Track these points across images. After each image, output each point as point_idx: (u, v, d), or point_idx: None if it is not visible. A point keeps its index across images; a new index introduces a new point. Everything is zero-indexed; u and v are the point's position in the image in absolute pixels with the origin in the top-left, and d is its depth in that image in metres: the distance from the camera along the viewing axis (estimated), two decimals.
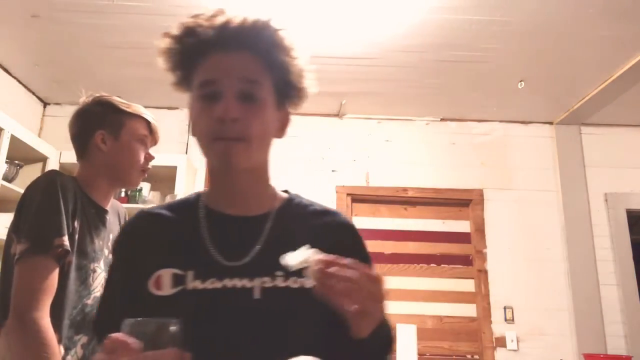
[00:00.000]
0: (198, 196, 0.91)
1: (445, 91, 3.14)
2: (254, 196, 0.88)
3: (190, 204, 0.89)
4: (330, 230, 0.88)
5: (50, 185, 1.21)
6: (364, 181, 3.40)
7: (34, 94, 3.33)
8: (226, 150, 0.80)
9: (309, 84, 0.91)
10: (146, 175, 1.38)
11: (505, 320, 3.14)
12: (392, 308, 1.02)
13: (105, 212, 1.35)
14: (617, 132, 3.44)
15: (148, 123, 1.37)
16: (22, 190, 1.26)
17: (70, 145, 1.40)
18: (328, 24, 2.47)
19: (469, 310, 3.23)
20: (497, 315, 3.15)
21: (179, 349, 0.61)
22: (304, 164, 3.40)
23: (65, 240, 1.16)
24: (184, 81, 0.91)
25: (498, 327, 3.13)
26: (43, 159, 2.96)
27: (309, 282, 0.75)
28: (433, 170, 3.42)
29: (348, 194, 3.36)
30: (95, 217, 1.31)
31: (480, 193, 3.37)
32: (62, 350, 1.16)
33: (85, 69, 2.98)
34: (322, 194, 3.32)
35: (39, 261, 1.13)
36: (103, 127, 1.32)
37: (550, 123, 3.50)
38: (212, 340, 0.75)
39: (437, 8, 2.31)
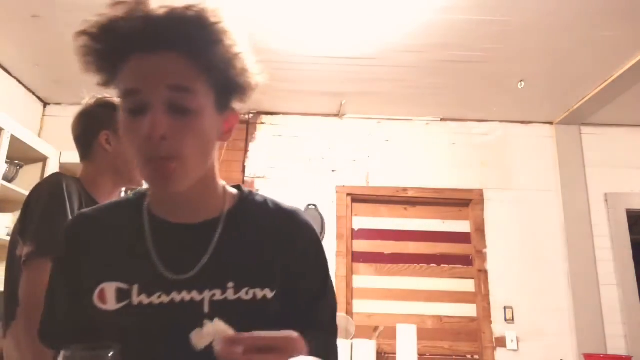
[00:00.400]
0: (142, 197, 0.83)
1: (445, 91, 3.14)
2: (200, 203, 0.80)
3: (133, 207, 0.82)
4: (284, 233, 0.82)
5: (56, 188, 1.21)
6: (364, 181, 3.40)
7: (34, 94, 3.33)
8: (159, 172, 0.70)
9: (255, 75, 0.78)
10: None
11: (505, 320, 3.14)
12: (392, 308, 1.03)
13: None
14: (617, 132, 3.44)
15: None
16: (22, 190, 1.27)
17: (70, 145, 1.40)
18: (328, 24, 2.47)
19: (469, 310, 3.23)
20: (497, 315, 3.15)
21: None
22: (304, 164, 3.40)
23: None
24: (110, 84, 0.76)
25: (498, 327, 3.13)
26: (43, 159, 2.96)
27: (260, 293, 0.75)
28: (433, 170, 3.42)
29: (348, 194, 3.36)
30: None
31: (480, 193, 3.37)
32: None
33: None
34: (322, 194, 3.33)
35: (46, 263, 1.13)
36: (107, 127, 1.33)
37: (550, 123, 3.50)
38: (158, 358, 0.72)
39: (437, 8, 2.31)
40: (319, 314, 0.83)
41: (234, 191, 0.86)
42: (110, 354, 0.57)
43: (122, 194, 1.39)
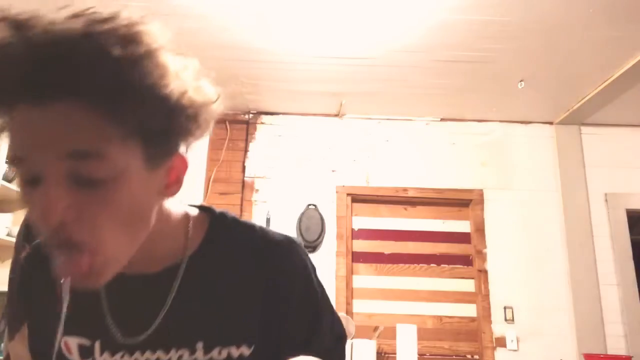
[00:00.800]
0: None
1: (445, 91, 3.14)
2: (155, 249, 0.64)
3: None
4: (263, 277, 0.67)
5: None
6: (364, 181, 3.40)
7: None
8: (70, 267, 0.52)
9: (206, 105, 0.58)
10: None
11: (505, 320, 3.14)
12: (392, 308, 1.03)
13: None
14: (617, 132, 3.44)
15: None
16: None
17: None
18: (328, 24, 2.46)
19: (469, 310, 3.23)
20: (497, 315, 3.15)
21: None
22: (304, 164, 3.41)
23: None
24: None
25: (498, 327, 3.13)
26: None
27: (236, 351, 0.65)
28: (433, 170, 3.42)
29: (348, 194, 3.36)
30: None
31: (480, 193, 3.37)
32: None
33: None
34: (322, 194, 3.33)
35: None
36: None
37: (550, 123, 3.50)
38: None
39: (437, 8, 2.30)
40: (315, 348, 0.70)
41: (204, 222, 0.70)
42: None
43: None
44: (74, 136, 0.49)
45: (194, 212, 0.70)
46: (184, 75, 0.55)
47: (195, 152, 3.62)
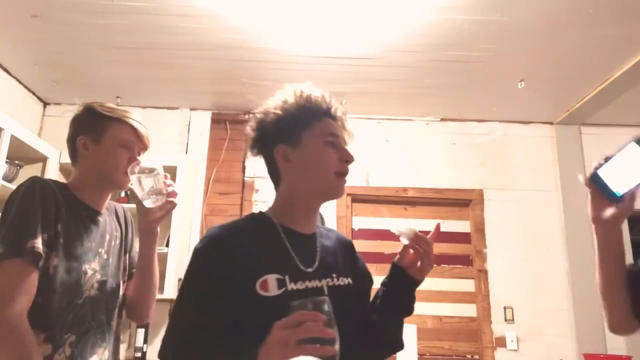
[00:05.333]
0: (264, 215, 1.13)
1: (445, 91, 3.14)
2: (314, 218, 1.18)
3: (263, 222, 1.10)
4: (342, 246, 1.22)
5: (27, 190, 1.24)
6: (364, 181, 3.40)
7: (34, 94, 3.33)
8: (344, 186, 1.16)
9: None
10: None
11: (505, 320, 3.14)
12: None
13: (98, 213, 1.37)
14: (617, 132, 3.44)
15: (133, 128, 1.37)
16: None
17: None
18: (328, 24, 2.47)
19: (469, 310, 3.23)
20: (497, 315, 3.15)
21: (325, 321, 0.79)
22: None
23: (37, 242, 1.18)
24: None
25: (498, 327, 3.13)
26: (43, 159, 2.97)
27: (347, 280, 1.12)
28: (433, 170, 3.42)
29: (348, 194, 3.36)
30: (87, 219, 1.34)
31: (480, 193, 3.37)
32: (50, 349, 1.20)
33: (85, 69, 2.98)
34: None
35: (13, 264, 1.16)
36: (84, 132, 1.36)
37: (550, 123, 3.50)
38: None
39: (437, 8, 2.31)
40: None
41: None
42: (326, 299, 0.82)
43: (122, 194, 1.38)
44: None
45: None
46: None
47: (196, 152, 3.64)
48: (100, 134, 1.34)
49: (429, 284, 3.22)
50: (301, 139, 1.10)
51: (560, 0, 2.23)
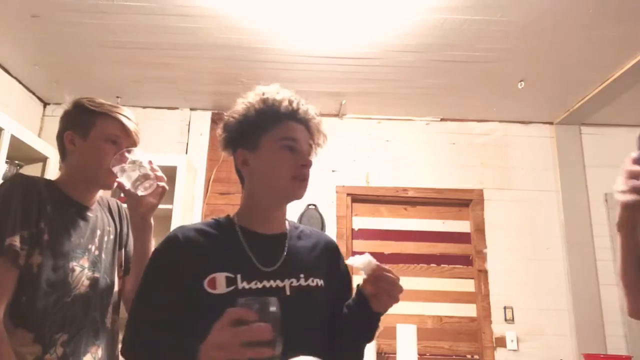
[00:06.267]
0: (228, 218, 1.15)
1: (445, 91, 3.14)
2: (277, 219, 1.16)
3: (225, 224, 1.13)
4: (322, 248, 1.21)
5: (8, 188, 1.23)
6: (364, 181, 3.40)
7: (34, 94, 3.33)
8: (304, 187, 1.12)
9: None
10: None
11: (505, 320, 3.14)
12: (392, 308, 1.05)
13: (88, 209, 1.35)
14: (617, 132, 3.44)
15: (121, 123, 1.34)
16: None
17: None
18: (328, 24, 2.47)
19: (469, 310, 3.23)
20: (497, 315, 3.15)
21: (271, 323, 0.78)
22: None
23: (15, 240, 1.17)
24: None
25: (498, 327, 3.13)
26: (43, 159, 2.96)
27: (319, 281, 1.11)
28: (433, 170, 3.42)
29: (348, 194, 3.36)
30: (75, 216, 1.31)
31: (480, 193, 3.37)
32: (40, 350, 1.18)
33: (85, 69, 2.98)
34: (322, 194, 3.33)
35: None
36: (71, 128, 1.33)
37: (550, 123, 3.50)
38: None
39: (437, 8, 2.31)
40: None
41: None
42: (274, 299, 0.81)
43: (122, 194, 1.37)
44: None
45: None
46: None
47: (196, 152, 3.63)
48: (87, 130, 1.32)
49: (429, 284, 3.25)
50: (259, 143, 1.10)
51: (560, 0, 2.23)
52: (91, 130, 1.32)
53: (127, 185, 1.29)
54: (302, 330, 0.94)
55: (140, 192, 1.29)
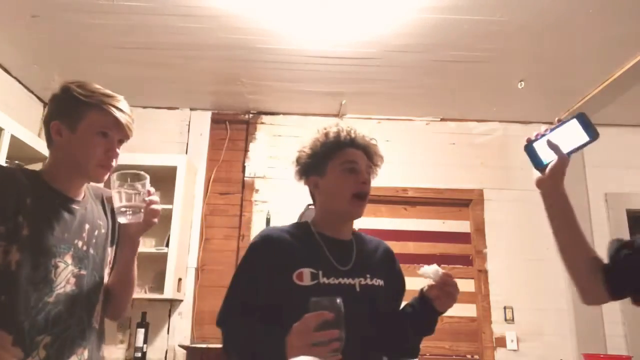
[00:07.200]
0: (307, 224, 1.36)
1: (445, 91, 3.14)
2: (346, 228, 1.38)
3: (304, 229, 1.34)
4: (382, 252, 1.41)
5: None
6: None
7: (34, 94, 3.33)
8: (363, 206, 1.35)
9: None
10: (109, 171, 1.26)
11: (505, 320, 3.14)
12: None
13: (73, 201, 1.24)
14: (617, 132, 3.43)
15: (113, 116, 1.23)
16: None
17: None
18: (328, 24, 2.47)
19: (469, 310, 3.23)
20: (497, 315, 3.15)
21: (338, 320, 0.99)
22: None
23: None
24: None
25: (498, 327, 3.13)
26: (43, 159, 2.96)
27: (380, 281, 1.31)
28: (433, 170, 3.42)
29: None
30: (60, 208, 1.21)
31: (480, 193, 3.37)
32: (21, 353, 1.10)
33: (86, 69, 2.98)
34: None
35: None
36: (58, 117, 1.23)
37: (551, 123, 3.47)
38: None
39: (437, 8, 2.31)
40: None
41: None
42: (340, 300, 0.99)
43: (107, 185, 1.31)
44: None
45: None
46: None
47: (196, 152, 3.62)
48: (75, 122, 1.21)
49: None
50: (326, 169, 1.34)
51: (560, 1, 2.23)
52: (79, 123, 1.21)
53: (115, 205, 1.20)
54: (367, 323, 1.21)
55: (121, 219, 1.20)
